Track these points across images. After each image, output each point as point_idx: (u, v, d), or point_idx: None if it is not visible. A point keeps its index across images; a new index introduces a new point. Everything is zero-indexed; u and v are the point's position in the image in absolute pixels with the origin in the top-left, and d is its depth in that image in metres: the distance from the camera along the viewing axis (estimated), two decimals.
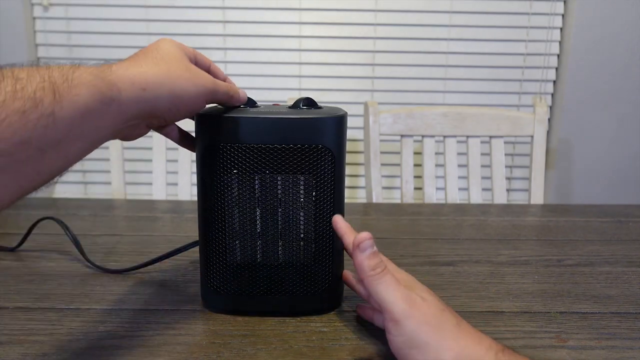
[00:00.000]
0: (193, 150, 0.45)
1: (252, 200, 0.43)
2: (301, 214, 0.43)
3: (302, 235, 0.44)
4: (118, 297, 0.48)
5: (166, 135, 0.42)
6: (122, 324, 0.42)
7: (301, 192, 0.43)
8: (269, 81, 1.47)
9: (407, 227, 0.71)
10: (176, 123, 0.42)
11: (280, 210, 0.43)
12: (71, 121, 0.28)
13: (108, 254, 0.58)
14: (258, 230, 0.44)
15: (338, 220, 0.42)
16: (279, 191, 0.43)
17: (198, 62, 0.39)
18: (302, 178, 0.42)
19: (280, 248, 0.44)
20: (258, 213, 0.43)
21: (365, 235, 0.35)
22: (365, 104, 1.04)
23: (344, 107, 0.46)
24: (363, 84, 1.48)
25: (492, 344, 0.31)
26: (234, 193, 0.43)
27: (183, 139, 0.44)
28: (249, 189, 0.43)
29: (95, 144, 0.31)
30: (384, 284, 0.34)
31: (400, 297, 0.33)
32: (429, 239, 0.66)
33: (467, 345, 0.31)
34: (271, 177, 0.42)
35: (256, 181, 0.43)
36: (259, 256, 0.44)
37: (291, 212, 0.43)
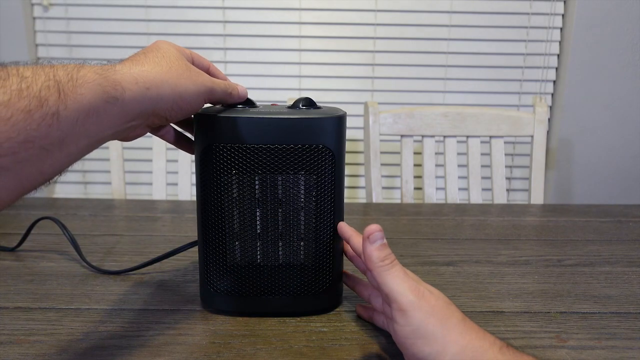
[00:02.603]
0: (189, 152, 0.45)
1: (252, 200, 0.43)
2: (301, 214, 0.43)
3: (302, 236, 0.44)
4: (118, 297, 0.48)
5: (162, 137, 0.43)
6: (122, 324, 0.42)
7: (301, 192, 0.43)
8: (268, 81, 1.47)
9: (407, 227, 0.71)
10: (171, 125, 0.42)
11: (280, 210, 0.43)
12: (75, 120, 0.28)
13: (107, 254, 0.58)
14: (258, 231, 0.44)
15: (342, 226, 0.43)
16: (279, 191, 0.43)
17: (195, 63, 0.40)
18: (302, 178, 0.42)
19: (280, 248, 0.44)
20: (258, 213, 0.43)
21: (375, 227, 0.36)
22: (365, 104, 1.04)
23: (344, 107, 0.46)
24: (363, 84, 1.48)
25: (496, 340, 0.32)
26: (234, 193, 0.43)
27: (179, 140, 0.44)
28: (248, 189, 0.43)
29: (98, 143, 0.31)
30: (393, 274, 0.34)
31: (409, 288, 0.34)
32: (429, 239, 0.66)
33: (472, 339, 0.31)
34: (271, 177, 0.42)
35: (256, 181, 0.43)
36: (258, 257, 0.44)
37: (291, 213, 0.43)
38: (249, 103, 0.44)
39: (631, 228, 0.72)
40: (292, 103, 0.44)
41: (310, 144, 0.41)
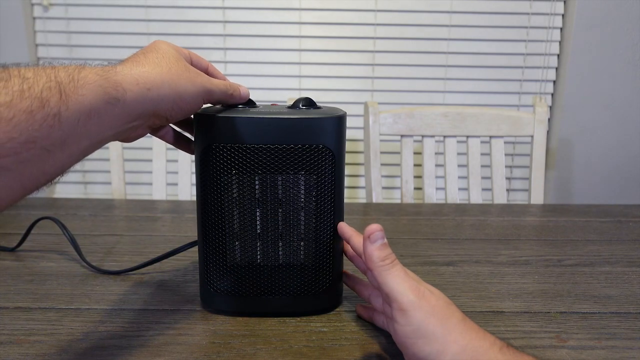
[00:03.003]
0: (188, 152, 0.45)
1: (252, 200, 0.43)
2: (301, 214, 0.43)
3: (302, 236, 0.44)
4: (118, 297, 0.48)
5: (161, 137, 0.43)
6: (122, 324, 0.42)
7: (301, 192, 0.43)
8: (268, 81, 1.47)
9: (407, 227, 0.71)
10: (171, 125, 0.42)
11: (280, 210, 0.43)
12: (76, 121, 0.28)
13: (107, 254, 0.58)
14: (258, 231, 0.44)
15: (343, 226, 0.43)
16: (279, 191, 0.43)
17: (194, 63, 0.40)
18: (302, 178, 0.42)
19: (280, 248, 0.44)
20: (258, 213, 0.43)
21: (375, 226, 0.36)
22: (366, 104, 1.04)
23: (344, 107, 0.46)
24: (363, 84, 1.48)
25: (496, 340, 0.32)
26: (234, 193, 0.43)
27: (178, 140, 0.44)
28: (248, 189, 0.43)
29: (100, 143, 0.31)
30: (393, 274, 0.34)
31: (409, 287, 0.34)
32: (429, 239, 0.66)
33: (472, 339, 0.32)
34: (271, 177, 0.42)
35: (256, 181, 0.43)
36: (258, 257, 0.44)
37: (291, 213, 0.43)
38: (249, 103, 0.44)
39: (631, 228, 0.72)
40: (292, 103, 0.44)
41: (310, 144, 0.41)
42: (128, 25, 1.42)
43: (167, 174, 1.03)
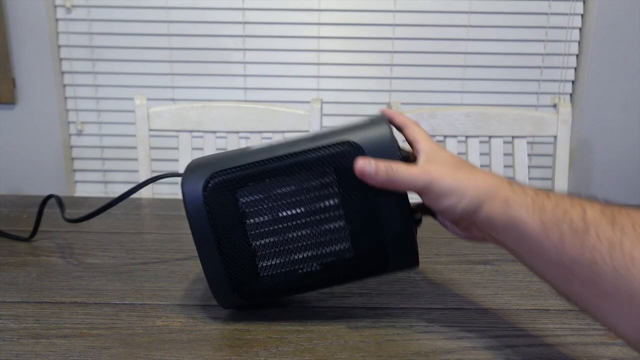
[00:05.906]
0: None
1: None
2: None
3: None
4: (168, 293, 0.48)
5: None
6: (180, 319, 0.43)
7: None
8: (287, 82, 1.48)
9: (436, 227, 0.72)
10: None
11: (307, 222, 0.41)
12: None
13: (145, 251, 0.60)
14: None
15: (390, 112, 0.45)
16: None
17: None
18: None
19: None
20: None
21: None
22: (389, 105, 1.04)
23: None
24: (381, 84, 1.49)
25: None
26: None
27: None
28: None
29: None
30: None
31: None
32: (461, 238, 0.67)
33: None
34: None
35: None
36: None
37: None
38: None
39: None
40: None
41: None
42: (149, 27, 1.44)
43: None
